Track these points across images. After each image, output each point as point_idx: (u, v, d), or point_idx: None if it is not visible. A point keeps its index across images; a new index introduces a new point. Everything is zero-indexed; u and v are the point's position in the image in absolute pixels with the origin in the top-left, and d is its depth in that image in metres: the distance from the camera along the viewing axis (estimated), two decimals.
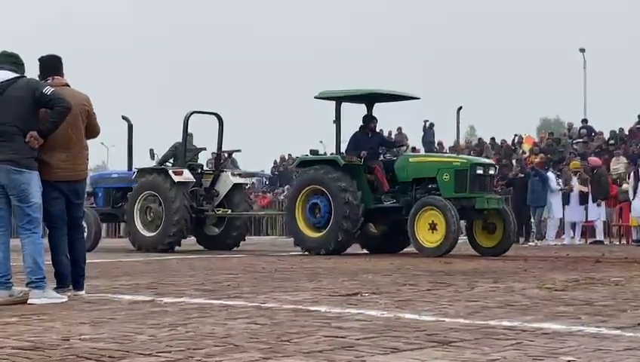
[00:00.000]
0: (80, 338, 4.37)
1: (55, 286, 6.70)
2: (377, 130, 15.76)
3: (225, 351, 3.95)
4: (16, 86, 6.34)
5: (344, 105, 14.49)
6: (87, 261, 7.04)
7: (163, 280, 8.34)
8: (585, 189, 19.94)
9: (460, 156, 14.61)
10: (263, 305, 5.93)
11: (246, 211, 17.07)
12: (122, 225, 27.26)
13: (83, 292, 6.85)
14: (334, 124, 14.39)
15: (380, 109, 14.98)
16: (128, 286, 7.74)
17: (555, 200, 20.14)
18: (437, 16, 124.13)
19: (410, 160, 14.28)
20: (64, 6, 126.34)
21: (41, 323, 5.06)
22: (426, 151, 27.83)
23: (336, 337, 4.32)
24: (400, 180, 13.95)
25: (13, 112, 6.27)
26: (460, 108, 14.37)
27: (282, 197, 28.03)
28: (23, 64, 6.57)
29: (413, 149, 29.98)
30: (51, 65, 6.92)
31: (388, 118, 14.90)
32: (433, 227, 12.90)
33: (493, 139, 30.35)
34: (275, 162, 36.24)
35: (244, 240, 17.24)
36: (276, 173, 34.40)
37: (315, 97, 14.57)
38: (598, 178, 19.83)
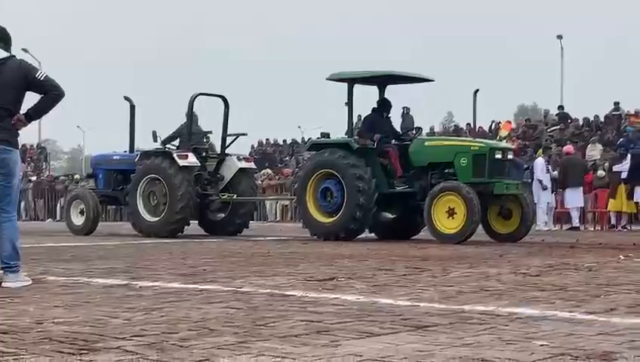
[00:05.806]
0: (54, 322, 4.34)
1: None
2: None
3: (200, 335, 3.93)
4: (9, 66, 6.20)
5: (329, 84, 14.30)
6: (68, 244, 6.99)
7: (138, 265, 8.30)
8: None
9: (477, 140, 14.25)
10: (239, 289, 5.92)
11: (251, 197, 16.62)
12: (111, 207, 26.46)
13: None
14: (346, 107, 14.10)
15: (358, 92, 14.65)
16: (103, 270, 7.69)
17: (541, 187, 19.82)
18: (422, 3, 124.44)
19: (426, 144, 13.79)
20: None
21: (15, 306, 5.02)
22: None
23: (312, 321, 4.32)
24: (415, 165, 13.56)
25: (6, 93, 6.16)
26: (477, 90, 14.12)
27: (260, 182, 27.91)
28: (10, 39, 6.36)
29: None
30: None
31: (367, 102, 14.52)
32: (451, 213, 12.47)
33: (469, 124, 30.44)
34: (253, 146, 36.11)
35: (248, 227, 16.59)
36: (255, 157, 34.19)
37: (327, 79, 14.18)
38: (566, 166, 19.93)
